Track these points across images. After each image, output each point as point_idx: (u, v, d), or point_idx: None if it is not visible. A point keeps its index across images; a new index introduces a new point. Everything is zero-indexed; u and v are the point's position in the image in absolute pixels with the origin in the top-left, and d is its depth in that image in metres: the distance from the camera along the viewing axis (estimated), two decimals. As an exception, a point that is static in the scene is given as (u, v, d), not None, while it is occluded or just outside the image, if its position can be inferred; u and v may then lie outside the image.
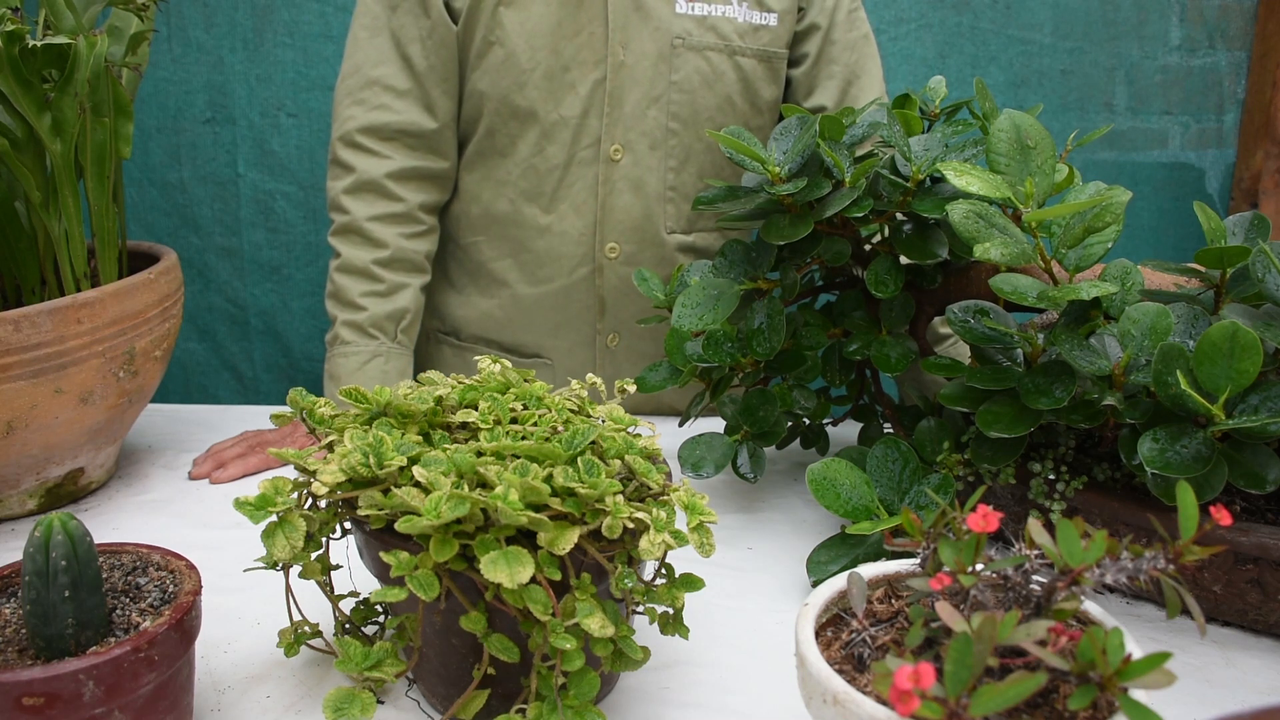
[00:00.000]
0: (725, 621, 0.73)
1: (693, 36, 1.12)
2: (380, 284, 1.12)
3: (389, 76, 1.12)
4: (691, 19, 1.12)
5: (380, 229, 1.12)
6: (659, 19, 1.11)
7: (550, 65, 1.10)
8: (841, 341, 0.91)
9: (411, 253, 1.14)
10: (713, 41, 1.13)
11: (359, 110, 1.12)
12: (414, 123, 1.12)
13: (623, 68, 1.11)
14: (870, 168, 0.82)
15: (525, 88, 1.11)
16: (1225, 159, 1.77)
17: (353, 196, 1.13)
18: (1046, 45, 1.68)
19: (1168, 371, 0.63)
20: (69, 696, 0.49)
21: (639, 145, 1.14)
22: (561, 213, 1.16)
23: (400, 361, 1.13)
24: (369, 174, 1.12)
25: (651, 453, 0.62)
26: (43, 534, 0.52)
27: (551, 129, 1.12)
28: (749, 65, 1.15)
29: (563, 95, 1.11)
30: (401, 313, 1.13)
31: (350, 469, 0.55)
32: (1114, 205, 0.69)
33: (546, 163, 1.14)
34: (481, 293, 1.23)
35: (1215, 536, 0.65)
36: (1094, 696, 0.40)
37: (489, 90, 1.12)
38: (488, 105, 1.13)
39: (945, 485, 0.75)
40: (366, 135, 1.12)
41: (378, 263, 1.12)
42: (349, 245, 1.13)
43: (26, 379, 0.80)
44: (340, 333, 1.12)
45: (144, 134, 1.59)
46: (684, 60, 1.12)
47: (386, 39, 1.12)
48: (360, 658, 0.56)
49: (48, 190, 0.88)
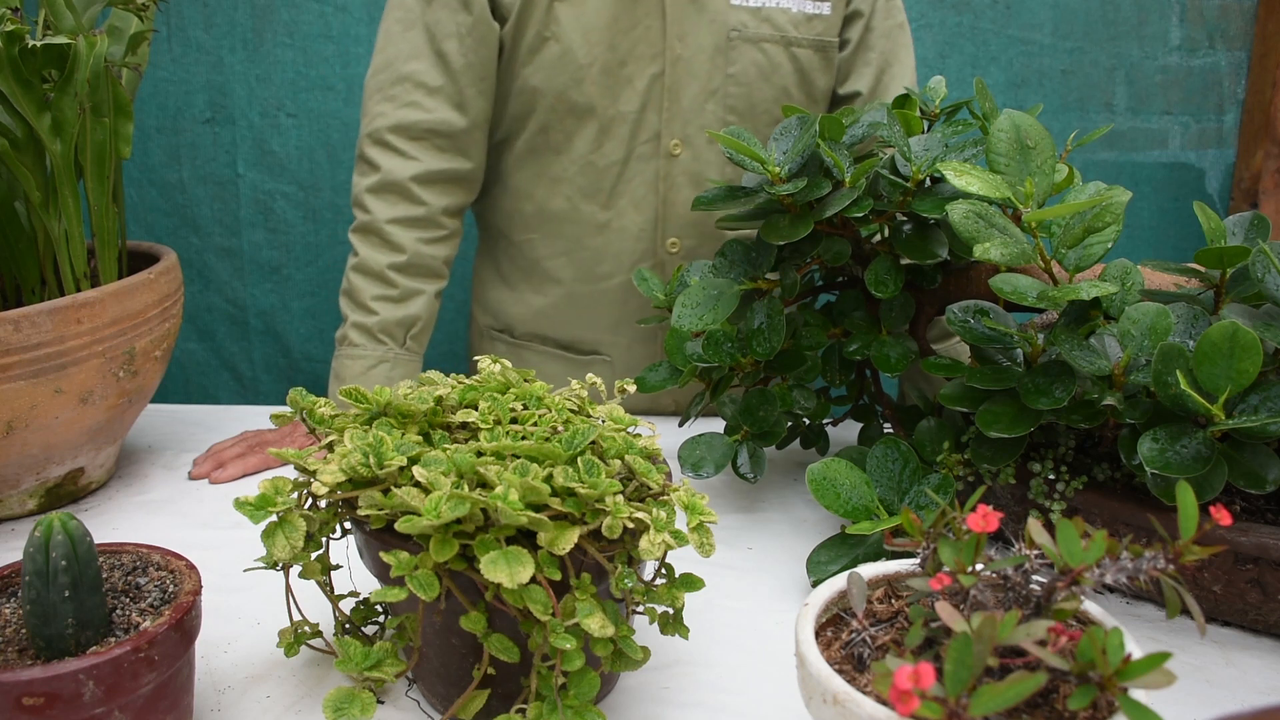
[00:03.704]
0: (725, 621, 0.73)
1: (748, 28, 1.11)
2: (394, 289, 1.11)
3: (421, 73, 1.10)
4: (746, 11, 1.11)
5: (399, 232, 1.11)
6: (714, 11, 1.10)
7: (607, 60, 1.09)
8: (841, 341, 0.91)
9: (429, 258, 1.13)
10: (768, 33, 1.12)
11: (389, 107, 1.11)
12: (444, 121, 1.11)
13: (680, 61, 1.10)
14: (870, 168, 0.82)
15: (582, 83, 1.09)
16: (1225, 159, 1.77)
17: (375, 196, 1.12)
18: (1046, 45, 1.68)
19: (1168, 371, 0.63)
20: (69, 696, 0.49)
21: (697, 139, 1.13)
22: (620, 209, 1.15)
23: (407, 368, 1.12)
24: (394, 175, 1.10)
25: (651, 453, 0.62)
26: (43, 534, 0.52)
27: (609, 124, 1.12)
28: (804, 56, 1.15)
29: (620, 90, 1.10)
30: (413, 320, 1.13)
31: (350, 469, 0.55)
32: (1114, 205, 0.69)
33: (604, 159, 1.13)
34: (535, 290, 1.22)
35: (1215, 536, 0.65)
36: (1094, 696, 0.40)
37: (543, 86, 1.10)
38: (542, 102, 1.11)
39: (945, 485, 0.75)
40: (395, 134, 1.11)
41: (393, 267, 1.11)
42: (367, 245, 1.12)
43: (26, 379, 0.80)
44: (349, 333, 1.12)
45: (144, 134, 1.59)
46: (740, 53, 1.12)
47: (420, 33, 1.10)
48: (360, 658, 0.56)
49: (48, 190, 0.88)
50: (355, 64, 1.58)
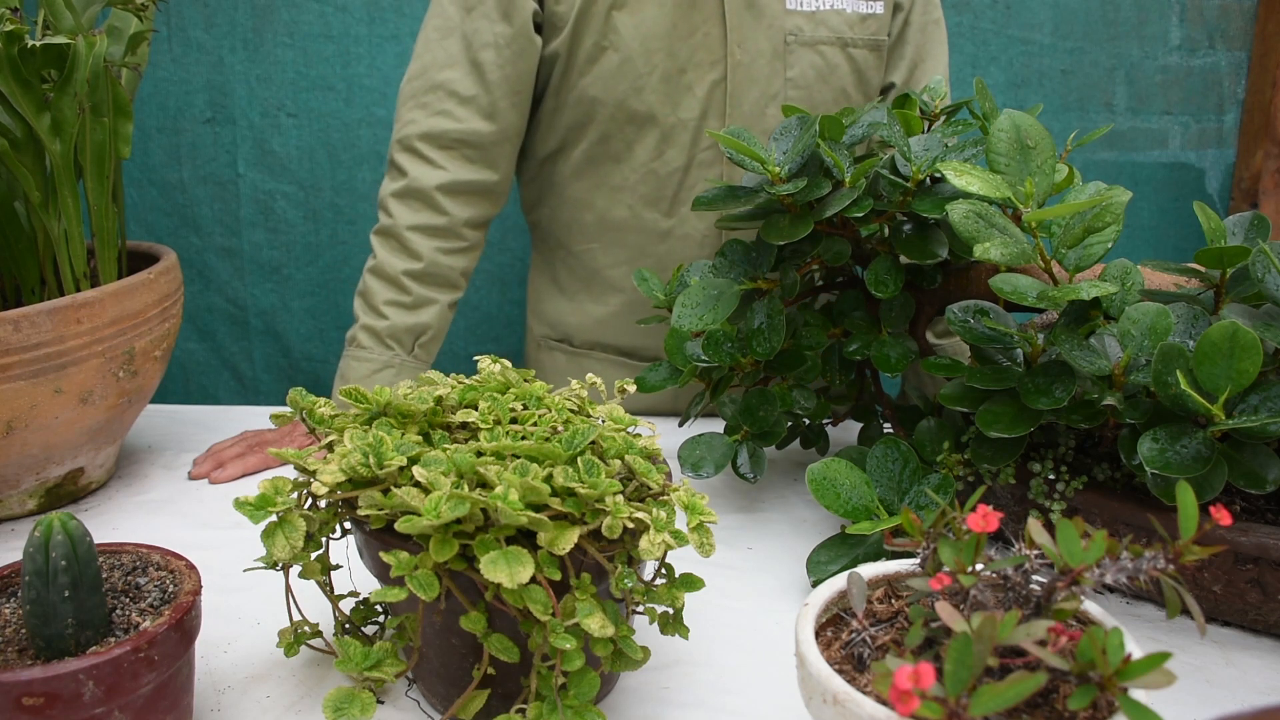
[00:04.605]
0: (725, 621, 0.73)
1: (804, 32, 1.11)
2: (407, 295, 1.11)
3: (454, 81, 1.09)
4: (802, 15, 1.11)
5: (419, 240, 1.11)
6: (771, 16, 1.10)
7: (667, 68, 1.09)
8: (841, 341, 0.91)
9: (447, 268, 1.13)
10: (825, 35, 1.12)
11: (420, 115, 1.10)
12: (474, 131, 1.10)
13: (740, 67, 1.10)
14: (870, 168, 0.82)
15: (643, 91, 1.09)
16: (1225, 159, 1.77)
17: (399, 201, 1.11)
18: (1046, 45, 1.68)
19: (1168, 371, 0.63)
20: (69, 696, 0.49)
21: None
22: (683, 216, 1.15)
23: (412, 376, 1.12)
24: (420, 182, 1.10)
25: (651, 453, 0.62)
26: (43, 534, 0.52)
27: (670, 132, 1.11)
28: (861, 56, 1.15)
29: (680, 97, 1.10)
30: (423, 328, 1.12)
31: (350, 469, 0.55)
32: (1114, 205, 0.69)
33: (666, 166, 1.13)
34: (595, 299, 1.21)
35: (1215, 536, 0.65)
36: (1094, 696, 0.40)
37: (602, 95, 1.10)
38: (601, 111, 1.11)
39: (945, 485, 0.75)
40: (425, 142, 1.10)
41: (409, 274, 1.11)
42: (386, 249, 1.12)
43: (26, 379, 0.80)
44: (358, 335, 1.12)
45: (144, 134, 1.59)
46: (798, 56, 1.12)
47: (457, 41, 1.09)
48: (360, 658, 0.56)
49: (47, 190, 0.88)
50: (356, 64, 1.58)
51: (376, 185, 1.48)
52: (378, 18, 1.56)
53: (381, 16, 1.56)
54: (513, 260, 1.68)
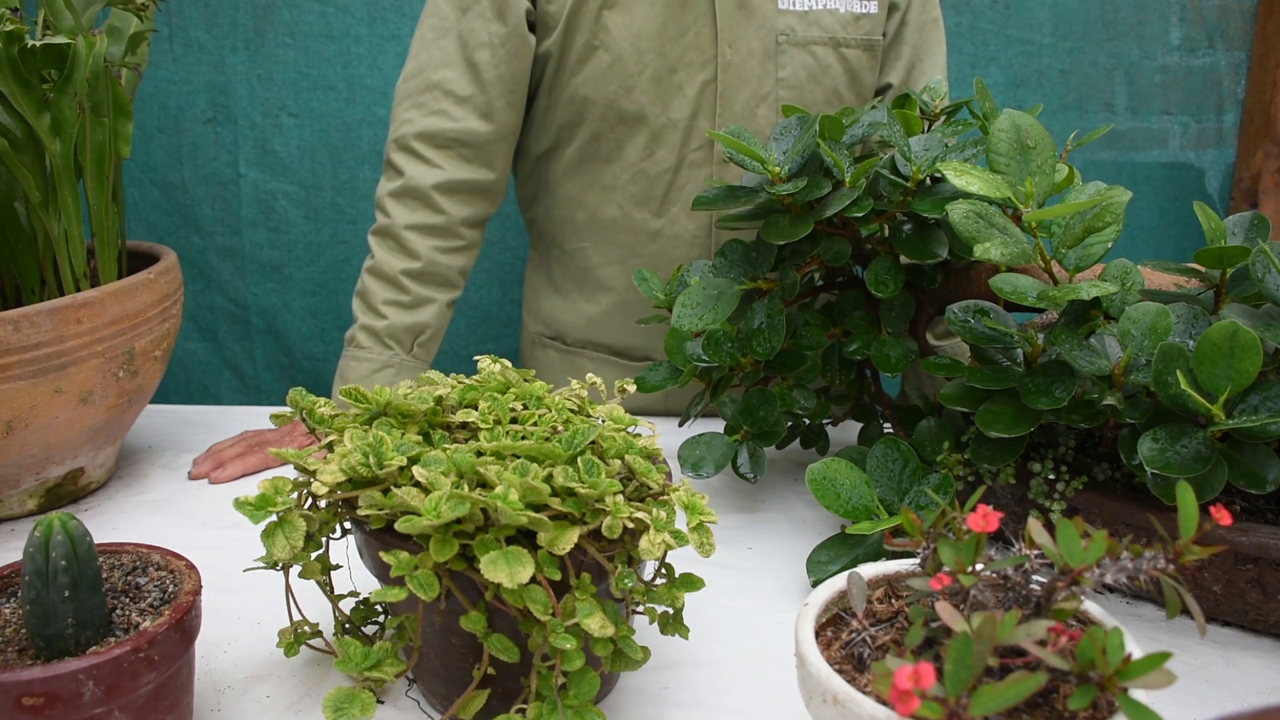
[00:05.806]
0: (725, 621, 0.73)
1: (796, 32, 1.11)
2: (406, 295, 1.11)
3: (450, 81, 1.10)
4: (794, 14, 1.11)
5: (417, 239, 1.11)
6: (762, 16, 1.10)
7: (658, 68, 1.09)
8: (841, 341, 0.91)
9: (445, 267, 1.13)
10: (817, 35, 1.12)
11: (417, 114, 1.11)
12: (471, 131, 1.10)
13: (730, 67, 1.10)
14: (870, 168, 0.82)
15: (633, 91, 1.09)
16: (1225, 159, 1.77)
17: (396, 201, 1.11)
18: (1046, 45, 1.68)
19: (1168, 371, 0.63)
20: (69, 696, 0.49)
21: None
22: (673, 216, 1.15)
23: (411, 375, 1.12)
24: (417, 182, 1.10)
25: (651, 453, 0.62)
26: (43, 534, 0.52)
27: (660, 132, 1.11)
28: (853, 56, 1.14)
29: (670, 97, 1.10)
30: (421, 327, 1.12)
31: (350, 469, 0.55)
32: (1114, 205, 0.69)
33: (656, 166, 1.13)
34: (587, 298, 1.22)
35: (1215, 536, 0.65)
36: (1094, 696, 0.40)
37: (593, 95, 1.10)
38: (592, 111, 1.11)
39: (945, 485, 0.75)
40: (421, 141, 1.10)
41: (407, 273, 1.11)
42: (383, 249, 1.12)
43: (26, 379, 0.80)
44: (357, 335, 1.12)
45: (145, 134, 1.59)
46: (789, 57, 1.11)
47: (453, 41, 1.09)
48: (360, 658, 0.56)
49: (47, 190, 0.88)
50: (356, 64, 1.58)
51: (377, 185, 1.48)
52: (379, 18, 1.56)
53: (382, 16, 1.56)
54: (512, 259, 1.68)
